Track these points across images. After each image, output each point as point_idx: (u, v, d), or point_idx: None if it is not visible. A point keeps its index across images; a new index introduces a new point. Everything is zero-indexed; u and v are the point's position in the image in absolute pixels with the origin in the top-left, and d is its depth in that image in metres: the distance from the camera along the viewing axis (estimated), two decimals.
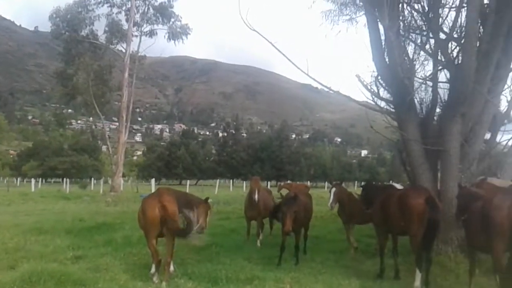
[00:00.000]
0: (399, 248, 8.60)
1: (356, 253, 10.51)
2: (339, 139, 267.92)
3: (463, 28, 9.70)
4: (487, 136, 10.91)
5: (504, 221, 6.05)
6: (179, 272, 7.98)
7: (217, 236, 12.55)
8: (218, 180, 53.56)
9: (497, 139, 11.14)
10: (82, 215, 16.98)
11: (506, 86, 11.00)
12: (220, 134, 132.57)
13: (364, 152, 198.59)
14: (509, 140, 10.67)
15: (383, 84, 10.52)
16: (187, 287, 7.05)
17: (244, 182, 63.02)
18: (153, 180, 35.23)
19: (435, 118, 10.98)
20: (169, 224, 7.26)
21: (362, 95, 10.77)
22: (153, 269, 7.77)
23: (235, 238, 12.47)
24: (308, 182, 63.70)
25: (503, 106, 11.60)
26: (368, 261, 9.68)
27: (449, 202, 8.99)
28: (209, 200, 8.97)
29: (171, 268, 7.87)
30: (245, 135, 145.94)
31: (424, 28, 11.30)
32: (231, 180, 65.65)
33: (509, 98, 11.43)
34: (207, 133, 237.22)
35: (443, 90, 10.78)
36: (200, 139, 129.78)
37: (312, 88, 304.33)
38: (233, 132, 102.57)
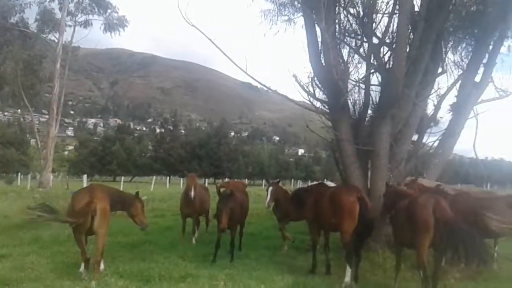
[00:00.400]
0: (331, 244, 8.88)
1: (289, 249, 10.73)
2: (277, 138, 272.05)
3: (395, 34, 10.15)
4: (415, 137, 11.49)
5: (428, 219, 6.40)
6: (110, 270, 7.75)
7: (151, 234, 12.32)
8: (154, 177, 52.44)
9: (424, 141, 11.76)
10: (7, 212, 16.08)
11: (433, 91, 11.65)
12: (158, 130, 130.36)
13: (301, 151, 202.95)
14: (434, 142, 11.26)
15: (319, 85, 10.76)
16: (118, 286, 6.86)
17: (181, 179, 62.19)
18: (85, 176, 33.70)
19: (367, 119, 11.41)
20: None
21: (299, 95, 10.97)
22: (82, 268, 7.49)
23: (170, 235, 12.31)
24: (246, 180, 64.05)
25: (430, 109, 12.29)
26: (301, 257, 9.92)
27: (378, 200, 9.37)
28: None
29: (101, 266, 7.62)
30: (183, 131, 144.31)
31: (358, 32, 11.66)
32: (167, 177, 64.63)
33: (435, 102, 12.11)
34: (144, 128, 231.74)
35: (375, 93, 11.21)
36: (136, 135, 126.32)
37: (251, 86, 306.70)
38: (171, 128, 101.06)
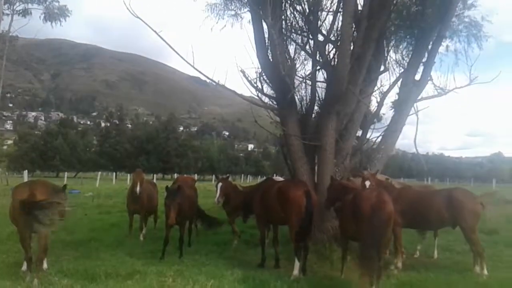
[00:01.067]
0: (280, 238, 9.02)
1: (239, 244, 10.81)
2: (226, 133, 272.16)
3: (339, 32, 10.39)
4: (359, 133, 11.85)
5: (369, 211, 6.62)
6: (53, 269, 7.53)
7: (96, 231, 12.09)
8: (99, 173, 50.90)
9: (368, 136, 12.12)
10: None
11: (376, 88, 12.04)
12: (103, 124, 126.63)
13: (250, 146, 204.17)
14: (377, 137, 11.57)
15: (267, 81, 10.85)
16: (62, 285, 6.65)
17: (128, 174, 60.98)
18: (25, 172, 32.31)
19: (314, 115, 11.64)
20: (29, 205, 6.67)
21: (248, 90, 11.01)
22: (24, 267, 7.24)
23: (117, 232, 12.09)
24: (196, 175, 63.61)
25: (373, 106, 12.69)
26: (250, 251, 10.03)
27: (325, 194, 9.63)
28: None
29: (44, 265, 7.37)
30: (130, 126, 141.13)
31: (304, 29, 11.85)
32: (114, 173, 63.03)
33: (378, 99, 12.49)
34: (88, 122, 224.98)
35: (321, 89, 11.46)
36: (80, 129, 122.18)
37: (200, 80, 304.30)
38: (117, 122, 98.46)
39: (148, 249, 9.69)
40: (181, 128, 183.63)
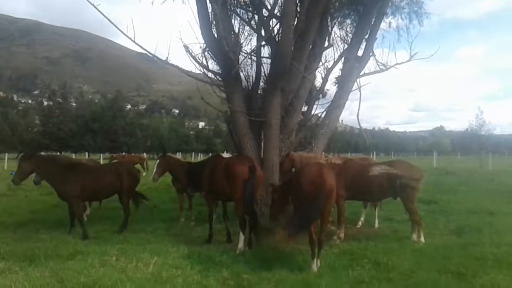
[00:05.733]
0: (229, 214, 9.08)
1: (186, 221, 10.80)
2: (176, 111, 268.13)
3: (283, 6, 10.33)
4: (304, 109, 11.98)
5: (308, 185, 6.72)
6: None
7: (37, 213, 11.73)
8: (42, 153, 48.90)
9: (313, 112, 12.30)
10: None
11: (321, 64, 12.17)
12: (45, 103, 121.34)
13: (201, 124, 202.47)
14: (322, 113, 11.76)
15: (212, 57, 10.70)
16: None
17: (74, 154, 59.31)
18: None
19: (259, 91, 11.64)
20: None
21: (196, 67, 10.79)
22: None
23: (59, 213, 11.75)
24: (145, 153, 62.44)
25: (318, 82, 12.84)
26: (198, 228, 10.03)
27: (270, 169, 9.76)
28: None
29: None
30: (74, 104, 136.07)
31: (249, 4, 11.72)
32: (58, 153, 60.81)
33: (323, 75, 12.67)
34: (30, 101, 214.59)
35: (267, 65, 11.45)
36: (20, 108, 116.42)
37: (149, 57, 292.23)
38: (60, 100, 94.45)
39: (92, 230, 9.46)
40: (129, 106, 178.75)
